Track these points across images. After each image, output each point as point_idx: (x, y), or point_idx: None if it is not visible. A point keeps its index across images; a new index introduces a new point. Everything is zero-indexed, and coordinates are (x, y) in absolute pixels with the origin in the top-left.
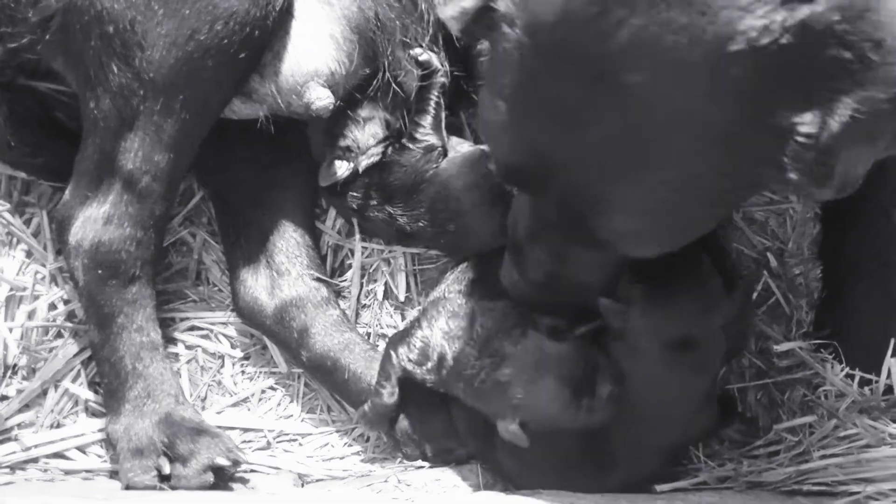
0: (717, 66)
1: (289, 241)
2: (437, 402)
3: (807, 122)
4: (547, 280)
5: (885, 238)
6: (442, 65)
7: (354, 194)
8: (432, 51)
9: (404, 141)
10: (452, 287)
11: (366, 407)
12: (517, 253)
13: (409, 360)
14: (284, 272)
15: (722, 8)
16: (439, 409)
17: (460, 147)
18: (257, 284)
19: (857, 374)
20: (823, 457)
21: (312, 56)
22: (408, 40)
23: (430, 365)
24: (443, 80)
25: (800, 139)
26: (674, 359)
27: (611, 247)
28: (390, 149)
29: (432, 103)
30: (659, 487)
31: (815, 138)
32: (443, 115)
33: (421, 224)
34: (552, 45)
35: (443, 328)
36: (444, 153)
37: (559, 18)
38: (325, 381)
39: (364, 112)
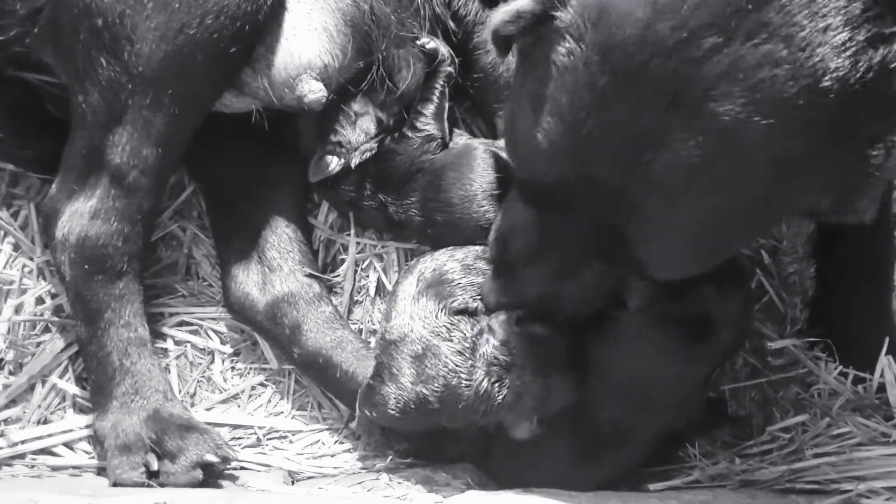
0: (809, 100)
1: (280, 237)
2: None
3: (875, 154)
4: (540, 301)
5: (878, 236)
6: (449, 55)
7: (347, 187)
8: None
9: (405, 129)
10: (403, 323)
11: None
12: (507, 274)
13: (388, 416)
14: (276, 268)
15: (819, 45)
16: None
17: (459, 139)
18: (248, 280)
19: (851, 372)
20: (816, 455)
21: (305, 49)
22: (404, 34)
23: (412, 414)
24: (449, 69)
25: (869, 170)
26: (678, 344)
27: (644, 268)
28: (388, 139)
29: (437, 93)
30: (652, 486)
31: (881, 169)
32: (446, 105)
33: (411, 213)
34: (628, 67)
35: (411, 376)
36: (444, 144)
37: (640, 40)
38: (317, 378)
39: (356, 107)
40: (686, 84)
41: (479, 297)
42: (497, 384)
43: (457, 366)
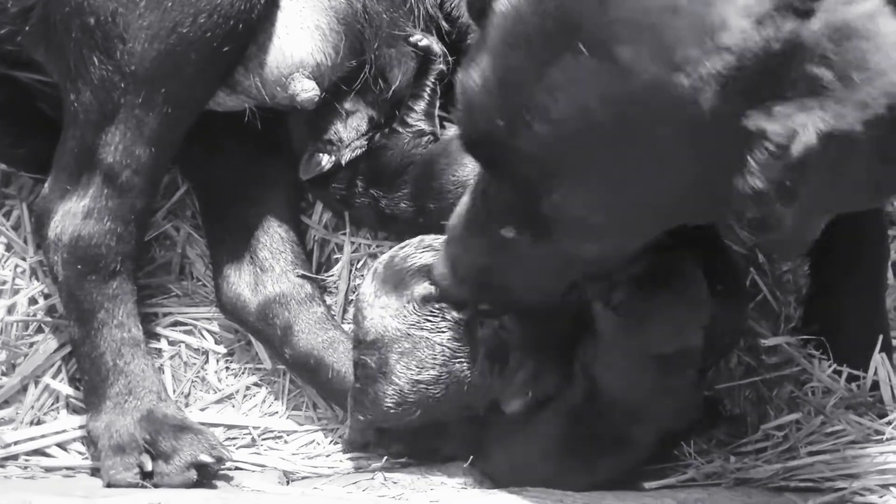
0: (708, 56)
1: (273, 237)
2: None
3: (778, 132)
4: (481, 277)
5: (872, 234)
6: (442, 52)
7: (337, 185)
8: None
9: (395, 125)
10: (375, 324)
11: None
12: (456, 244)
13: (385, 414)
14: (268, 268)
15: (723, 3)
16: None
17: (449, 131)
18: (240, 281)
19: (845, 370)
20: (810, 453)
21: (298, 47)
22: (396, 34)
23: (411, 407)
24: (441, 67)
25: (769, 146)
26: (659, 364)
27: (558, 235)
28: (378, 135)
29: (428, 90)
30: (647, 485)
31: (784, 149)
32: (437, 102)
33: (403, 205)
34: (546, 7)
35: (403, 371)
36: (435, 139)
37: None
38: (309, 379)
39: (348, 105)
40: (598, 27)
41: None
42: (498, 364)
43: (455, 352)
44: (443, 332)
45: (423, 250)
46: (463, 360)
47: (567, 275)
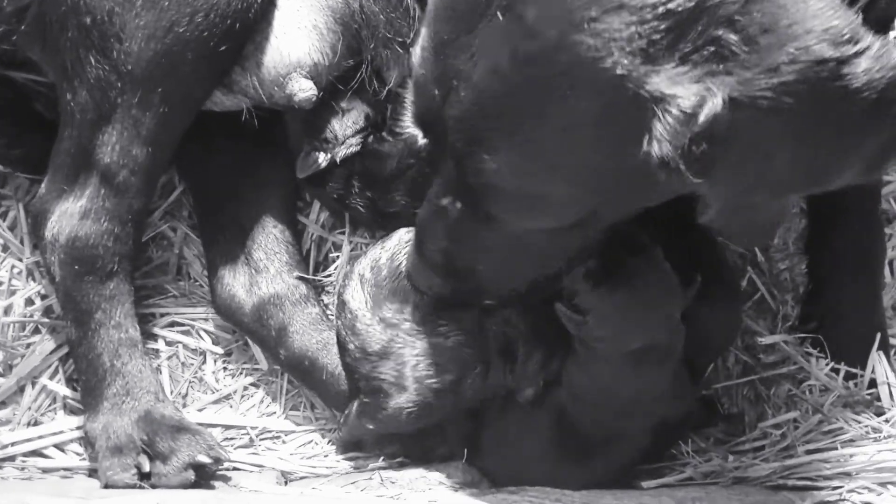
0: (607, 14)
1: (268, 237)
2: None
3: (683, 97)
4: (446, 262)
5: (869, 232)
6: None
7: (334, 184)
8: None
9: (384, 133)
10: (376, 332)
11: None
12: (420, 230)
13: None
14: (263, 269)
15: None
16: None
17: None
18: (235, 282)
19: (843, 368)
20: (808, 451)
21: (295, 47)
22: (392, 36)
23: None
24: None
25: (675, 112)
26: (632, 361)
27: (487, 206)
28: (370, 138)
29: None
30: (645, 484)
31: (691, 116)
32: None
33: (402, 202)
34: None
35: (416, 379)
36: None
37: None
38: (304, 380)
39: (344, 104)
40: None
41: None
42: (509, 359)
43: (468, 353)
44: (453, 334)
45: (406, 245)
46: (476, 359)
47: (529, 261)
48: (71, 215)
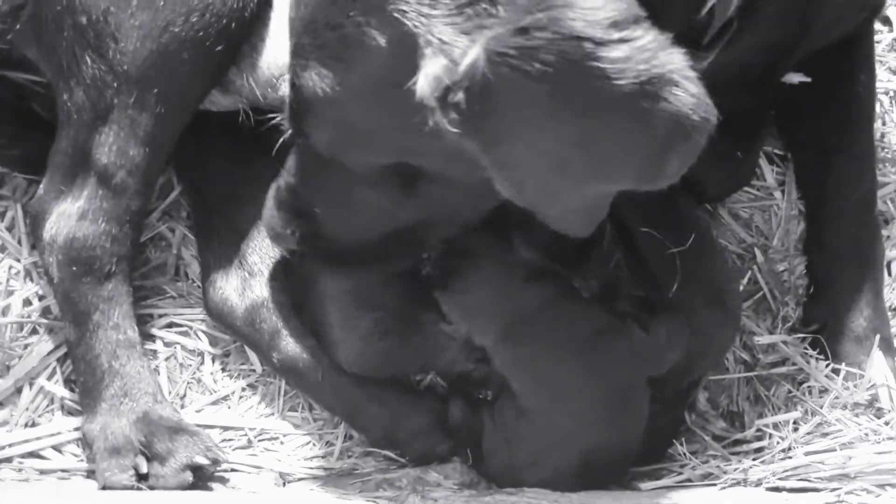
0: None
1: (263, 240)
2: (416, 402)
3: (449, 43)
4: (292, 200)
5: (868, 232)
6: None
7: None
8: None
9: None
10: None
11: None
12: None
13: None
14: (257, 272)
15: None
16: (417, 408)
17: None
18: (227, 285)
19: (843, 369)
20: (807, 453)
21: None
22: None
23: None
24: None
25: (441, 58)
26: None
27: (298, 123)
28: None
29: None
30: (643, 486)
31: (453, 63)
32: None
33: None
34: None
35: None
36: None
37: None
38: (298, 384)
39: None
40: None
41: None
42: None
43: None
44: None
45: None
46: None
47: (365, 213)
48: (69, 216)
